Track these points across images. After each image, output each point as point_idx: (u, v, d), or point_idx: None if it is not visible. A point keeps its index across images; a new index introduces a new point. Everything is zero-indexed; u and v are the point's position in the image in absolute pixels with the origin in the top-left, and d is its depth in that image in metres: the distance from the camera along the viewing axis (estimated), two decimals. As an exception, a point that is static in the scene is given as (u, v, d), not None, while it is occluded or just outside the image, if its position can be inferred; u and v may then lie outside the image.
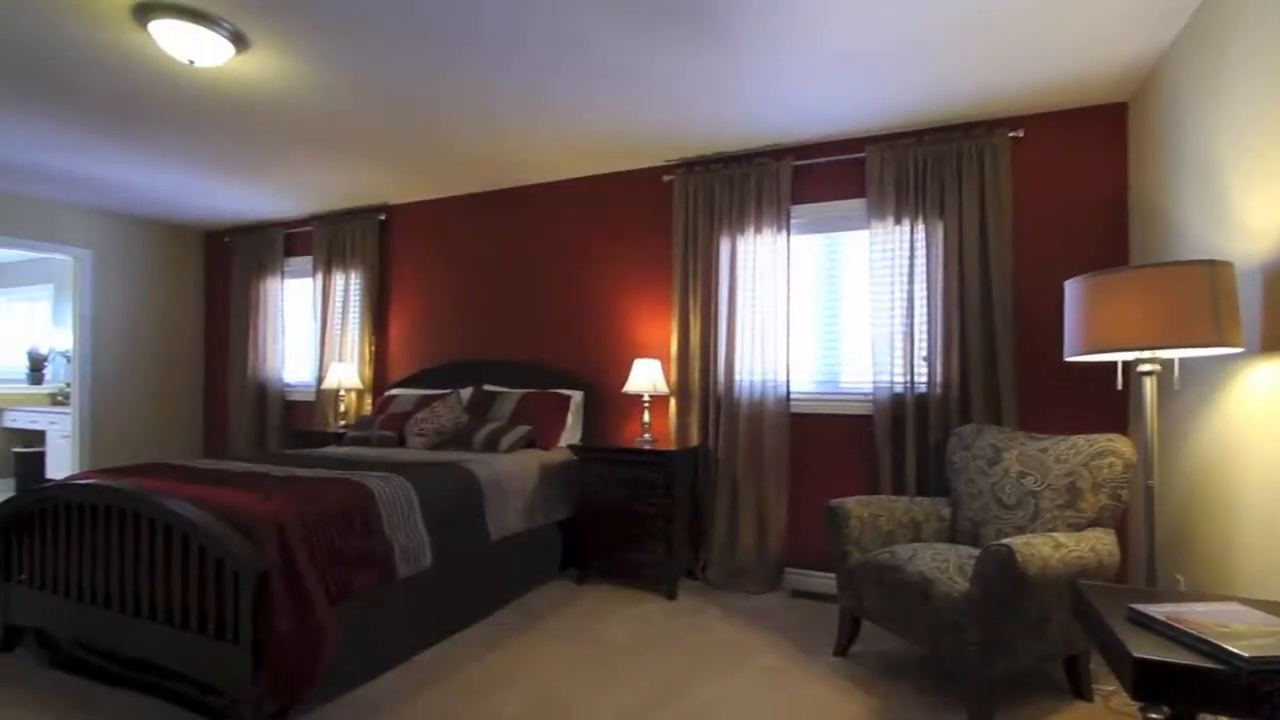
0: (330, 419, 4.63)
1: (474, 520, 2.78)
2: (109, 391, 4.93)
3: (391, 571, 2.32)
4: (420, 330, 4.49)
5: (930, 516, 2.62)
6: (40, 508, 2.38)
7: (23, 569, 2.46)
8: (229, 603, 1.91)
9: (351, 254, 4.60)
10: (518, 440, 3.42)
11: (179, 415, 5.38)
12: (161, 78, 2.70)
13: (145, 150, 3.57)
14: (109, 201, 4.62)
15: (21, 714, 2.05)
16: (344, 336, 4.61)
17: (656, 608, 3.05)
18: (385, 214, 4.56)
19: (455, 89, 2.79)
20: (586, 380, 3.92)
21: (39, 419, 5.84)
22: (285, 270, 5.01)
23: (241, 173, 3.93)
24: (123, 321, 5.01)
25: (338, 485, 2.32)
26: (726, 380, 3.40)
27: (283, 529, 1.98)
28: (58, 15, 2.24)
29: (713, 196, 3.46)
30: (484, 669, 2.41)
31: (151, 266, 5.19)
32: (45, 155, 3.65)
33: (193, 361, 5.48)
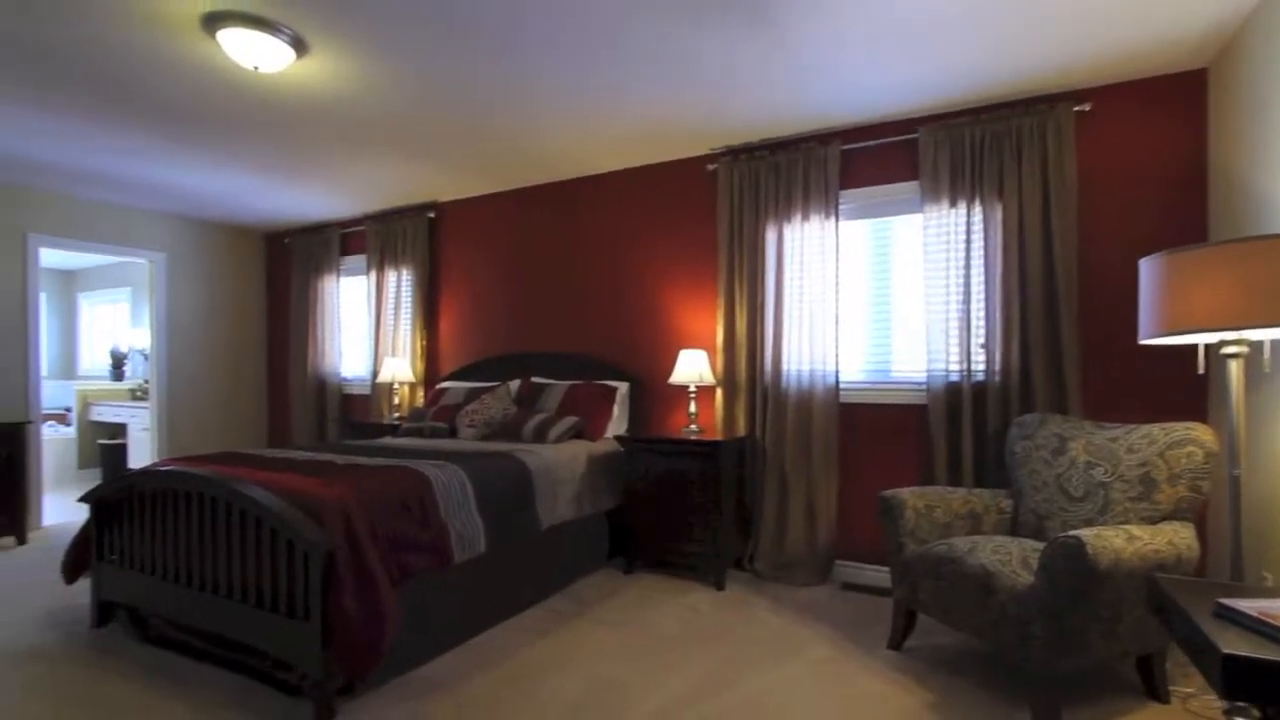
0: (385, 411, 4.79)
1: (525, 508, 2.84)
2: (183, 386, 5.22)
3: (448, 555, 2.39)
4: (469, 325, 4.59)
5: (990, 508, 2.54)
6: (127, 493, 2.55)
7: (113, 550, 2.64)
8: (299, 582, 2.01)
9: (403, 252, 4.73)
10: (566, 431, 3.47)
11: (245, 408, 5.66)
12: (228, 85, 2.83)
13: (212, 156, 3.75)
14: (179, 206, 4.88)
15: (117, 685, 2.20)
16: (396, 332, 4.76)
17: (705, 598, 3.05)
18: (434, 212, 4.68)
19: (501, 85, 2.83)
20: (632, 372, 3.94)
21: (121, 413, 6.23)
22: (341, 269, 5.19)
23: (300, 175, 4.09)
24: (194, 320, 5.30)
25: (397, 472, 2.40)
26: (774, 370, 3.36)
27: (347, 513, 2.06)
28: (134, 28, 2.38)
29: (758, 184, 3.42)
30: (537, 653, 2.45)
31: (218, 268, 5.46)
32: (123, 163, 3.87)
33: (257, 357, 5.75)
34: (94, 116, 3.17)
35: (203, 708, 2.05)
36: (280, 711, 2.03)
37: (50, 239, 4.48)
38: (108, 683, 2.21)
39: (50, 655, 2.41)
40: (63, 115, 3.15)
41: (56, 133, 3.38)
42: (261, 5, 2.23)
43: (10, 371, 4.31)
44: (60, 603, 2.97)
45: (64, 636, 2.59)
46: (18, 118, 3.18)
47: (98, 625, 2.66)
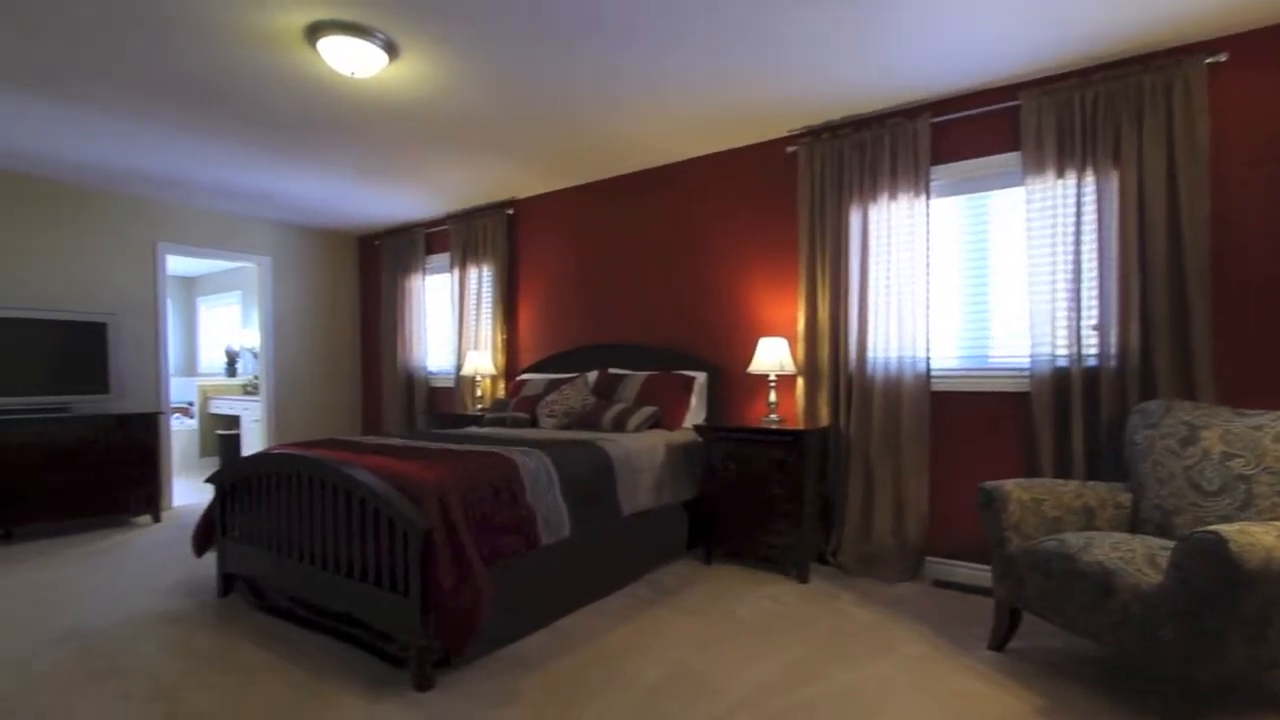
0: (468, 402, 4.97)
1: (607, 495, 2.87)
2: (287, 381, 5.62)
3: (535, 538, 2.45)
4: (547, 318, 4.69)
5: (1105, 503, 2.34)
6: (246, 476, 2.76)
7: (234, 527, 2.87)
8: (400, 559, 2.11)
9: (483, 248, 4.89)
10: (644, 420, 3.48)
11: (341, 400, 6.03)
12: (326, 93, 3.01)
13: (312, 163, 4.00)
14: (283, 213, 5.25)
15: (243, 648, 2.39)
16: (478, 326, 4.93)
17: (787, 590, 2.98)
18: (512, 209, 4.80)
19: (582, 76, 2.86)
20: (709, 361, 3.90)
21: (235, 406, 6.79)
22: (426, 268, 5.43)
23: (389, 178, 4.30)
24: (296, 320, 5.69)
25: (486, 458, 2.48)
26: (859, 357, 3.24)
27: (443, 495, 2.14)
28: (245, 45, 2.56)
29: (841, 164, 3.30)
30: (620, 637, 2.48)
31: (317, 270, 5.84)
32: (236, 174, 4.20)
33: (351, 353, 6.11)
34: (212, 131, 3.46)
35: (317, 672, 2.20)
36: (384, 679, 2.14)
37: (175, 246, 4.93)
38: (235, 646, 2.40)
39: (185, 619, 2.65)
40: (185, 131, 3.45)
41: (180, 148, 3.70)
42: (358, 12, 2.35)
43: (145, 369, 4.77)
44: (191, 573, 3.26)
45: (196, 603, 2.84)
46: (146, 135, 3.51)
47: (222, 594, 2.90)
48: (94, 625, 2.60)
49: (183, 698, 2.03)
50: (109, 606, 2.81)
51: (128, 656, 2.32)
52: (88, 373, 4.22)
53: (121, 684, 2.13)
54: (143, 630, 2.55)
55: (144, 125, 3.37)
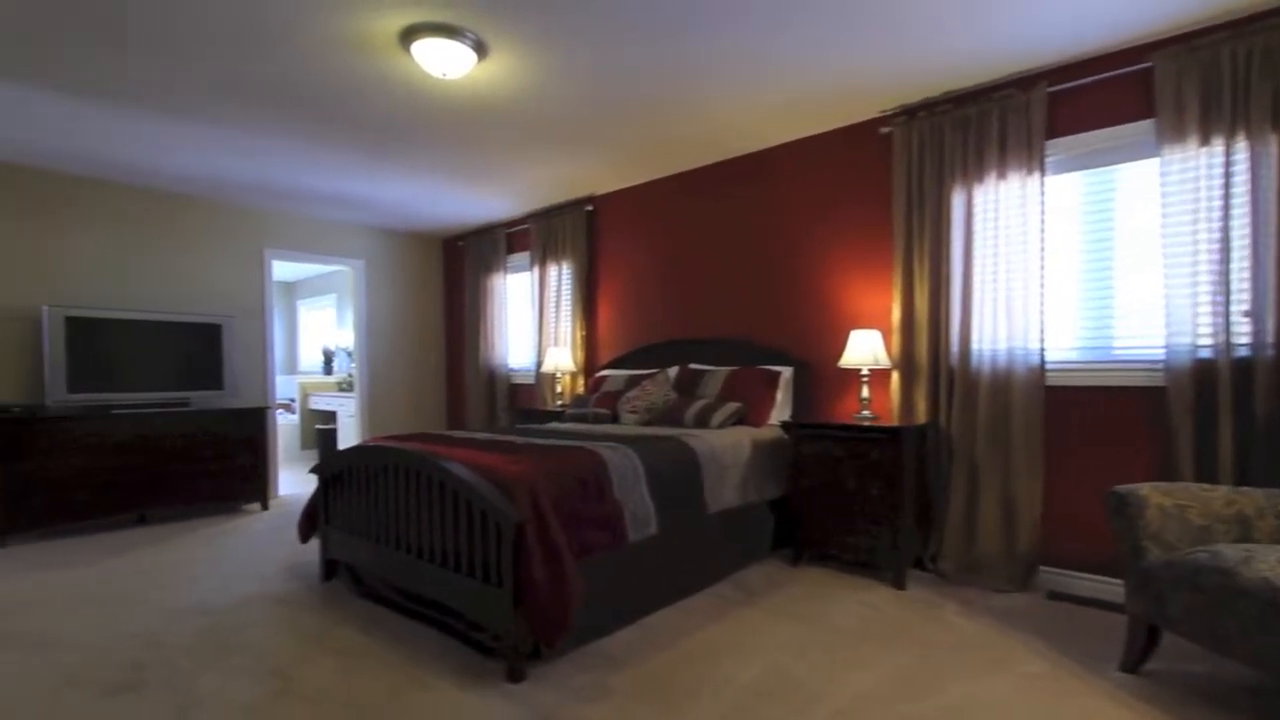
0: (548, 399, 5.03)
1: (693, 492, 2.80)
2: (379, 378, 5.89)
3: (623, 534, 2.42)
4: (626, 313, 4.67)
5: (1264, 512, 2.06)
6: (347, 467, 2.89)
7: (336, 515, 3.01)
8: (492, 551, 2.13)
9: (563, 246, 4.94)
10: (729, 417, 3.39)
11: (427, 397, 6.26)
12: (418, 97, 3.10)
13: (403, 167, 4.16)
14: (375, 218, 5.50)
15: (345, 631, 2.50)
16: (558, 323, 4.98)
17: (884, 596, 2.82)
18: (592, 204, 4.82)
19: (669, 66, 2.81)
20: (796, 356, 3.76)
21: (332, 402, 7.20)
22: (507, 266, 5.55)
23: (474, 179, 4.41)
24: (386, 320, 5.95)
25: (574, 453, 2.47)
26: (961, 350, 3.02)
27: (533, 488, 2.15)
28: (341, 52, 2.67)
29: (941, 143, 3.09)
30: (709, 637, 2.41)
31: (405, 271, 6.09)
32: (334, 182, 4.43)
33: (436, 352, 6.33)
34: (314, 140, 3.64)
35: (415, 658, 2.25)
36: (476, 668, 2.17)
37: (280, 251, 5.26)
38: (337, 629, 2.51)
39: (293, 601, 2.80)
40: (290, 141, 3.65)
41: (285, 158, 3.93)
42: (450, 14, 2.40)
43: (253, 367, 5.12)
44: (297, 558, 3.45)
45: (301, 587, 3.00)
46: (255, 147, 3.74)
47: (325, 579, 3.05)
48: (214, 603, 2.78)
49: (292, 676, 2.13)
50: (227, 585, 3.01)
51: (244, 634, 2.46)
52: (205, 370, 4.56)
53: (240, 659, 2.26)
54: (256, 610, 2.71)
55: (253, 137, 3.59)
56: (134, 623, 2.58)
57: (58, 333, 3.95)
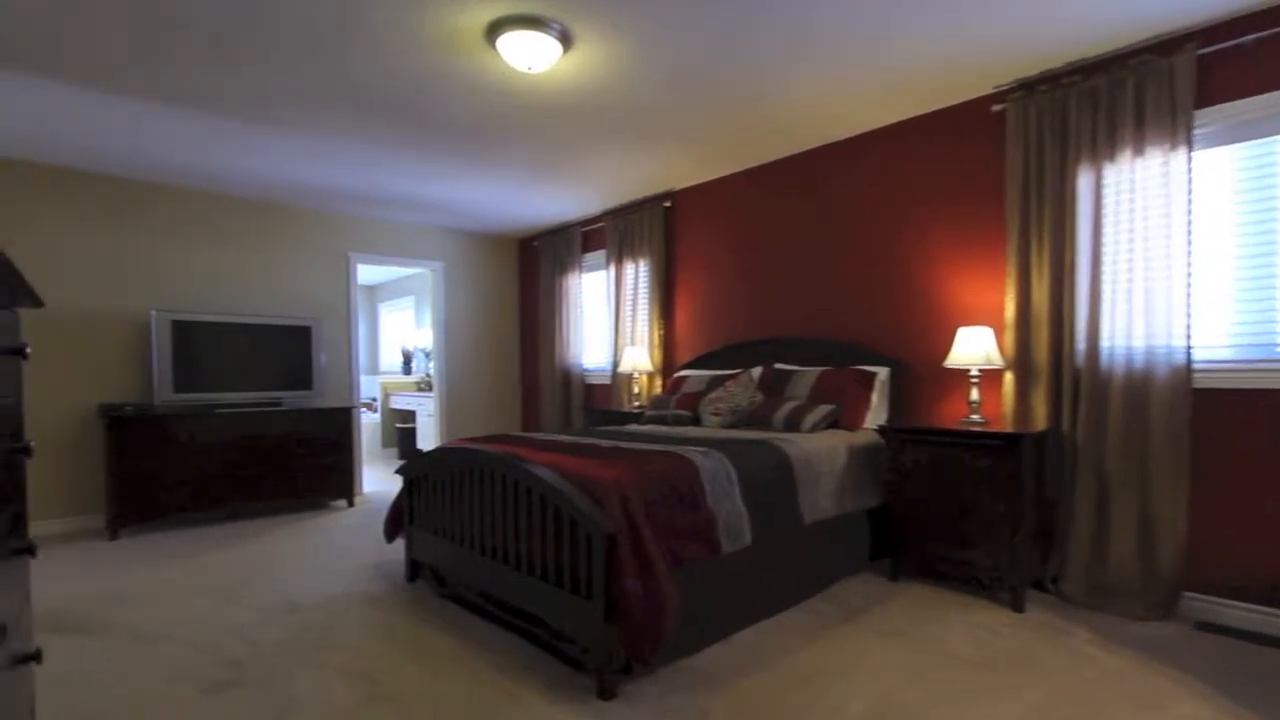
0: (625, 399, 4.95)
1: (788, 500, 2.63)
2: (456, 378, 5.98)
3: (716, 545, 2.28)
4: (706, 312, 4.52)
5: None
6: (430, 468, 2.88)
7: (420, 516, 3.01)
8: (581, 560, 2.03)
9: (640, 243, 4.84)
10: (821, 419, 3.19)
11: (503, 397, 6.31)
12: (502, 95, 3.06)
13: (484, 168, 4.17)
14: (453, 220, 5.58)
15: (430, 635, 2.47)
16: (634, 322, 4.88)
17: (1001, 619, 2.56)
18: (670, 200, 4.70)
19: (759, 48, 2.65)
20: (892, 355, 3.51)
21: (411, 401, 7.39)
22: (582, 265, 5.51)
23: (552, 177, 4.38)
24: (463, 320, 6.04)
25: (664, 458, 2.35)
26: (1089, 348, 2.71)
27: (624, 495, 2.04)
28: (425, 52, 2.65)
29: (1065, 119, 2.78)
30: (809, 659, 2.23)
31: (482, 273, 6.16)
32: (415, 185, 4.49)
33: (511, 352, 6.38)
34: (399, 145, 3.69)
35: (500, 666, 2.19)
36: (565, 682, 2.08)
37: (364, 255, 5.41)
38: (424, 632, 2.48)
39: (380, 602, 2.81)
40: (376, 146, 3.71)
41: (370, 164, 4.01)
42: (536, 5, 2.33)
43: (339, 368, 5.28)
44: (383, 556, 3.49)
45: (387, 586, 3.01)
46: (342, 154, 3.82)
47: (410, 579, 3.05)
48: (305, 601, 2.83)
49: (381, 681, 2.11)
50: (316, 583, 3.06)
51: (334, 634, 2.48)
52: (297, 372, 4.73)
53: (331, 660, 2.26)
54: (346, 609, 2.73)
55: (340, 144, 3.67)
56: (232, 618, 2.65)
57: (165, 336, 4.17)
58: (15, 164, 3.95)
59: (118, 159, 3.90)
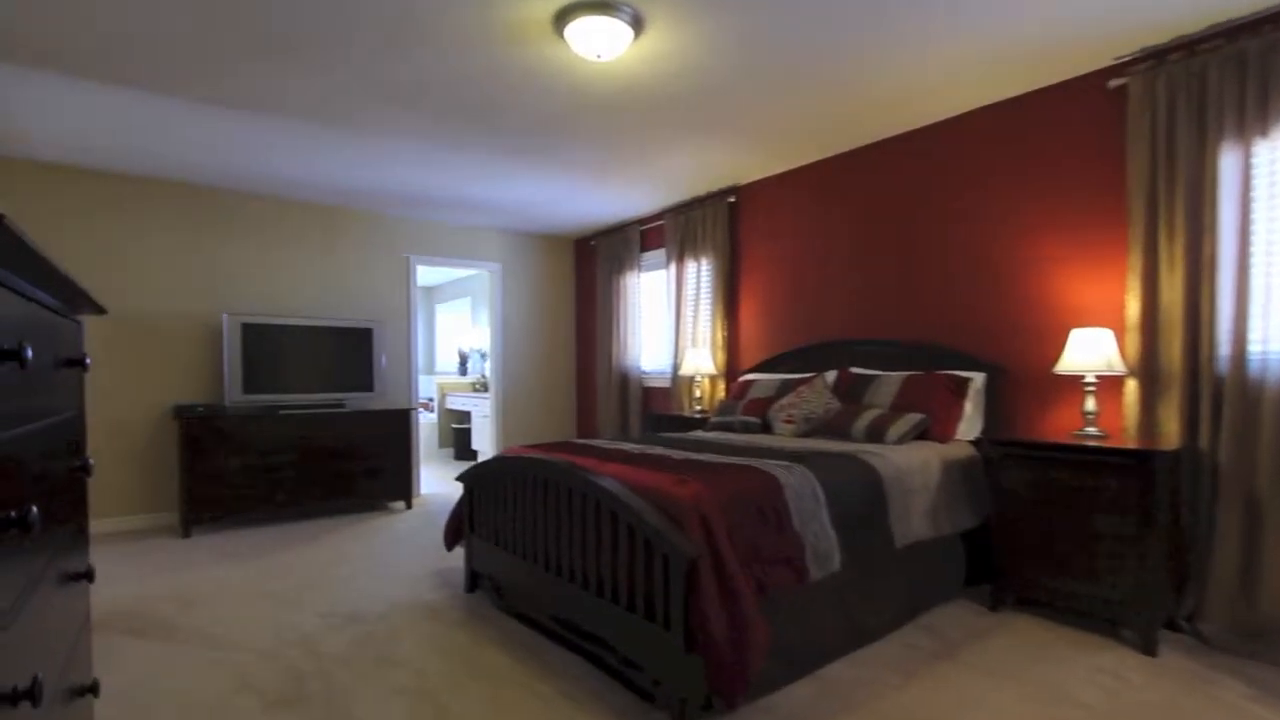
0: (686, 404, 4.75)
1: (878, 521, 2.38)
2: (513, 379, 5.92)
3: (803, 571, 2.06)
4: (772, 313, 4.28)
5: None
6: (491, 476, 2.76)
7: (480, 525, 2.90)
8: (657, 584, 1.85)
9: (702, 241, 4.64)
10: (909, 430, 2.91)
11: (558, 400, 6.21)
12: (564, 88, 2.92)
13: (540, 167, 4.05)
14: (511, 221, 5.51)
15: (491, 653, 2.34)
16: (696, 323, 4.68)
17: (1129, 663, 2.24)
18: (735, 196, 4.48)
19: (841, 26, 2.41)
20: (988, 359, 3.19)
21: (466, 402, 7.40)
22: (641, 264, 5.34)
23: (611, 174, 4.23)
24: (520, 322, 5.97)
25: (743, 473, 2.14)
26: (1234, 354, 2.35)
27: (705, 515, 1.85)
28: (488, 43, 2.53)
29: (1203, 90, 2.43)
30: (911, 700, 1.98)
31: (538, 273, 6.08)
32: (475, 186, 4.42)
33: (567, 354, 6.27)
34: (460, 145, 3.61)
35: (567, 694, 2.03)
36: (636, 713, 1.90)
37: (423, 258, 5.40)
38: (485, 649, 2.35)
39: (440, 615, 2.70)
40: (438, 146, 3.64)
41: (432, 164, 3.95)
42: (604, -19, 2.17)
43: (398, 369, 5.28)
44: (442, 563, 3.40)
45: (447, 596, 2.91)
46: (404, 155, 3.77)
47: (469, 589, 2.94)
48: (367, 609, 2.75)
49: (445, 704, 1.98)
50: (378, 589, 2.99)
51: (395, 648, 2.38)
52: (358, 373, 4.74)
53: (393, 675, 2.15)
54: (405, 620, 2.63)
55: (405, 145, 3.61)
56: (296, 625, 2.59)
57: (235, 338, 4.23)
58: (96, 174, 4.07)
59: (190, 167, 3.96)
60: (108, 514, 4.12)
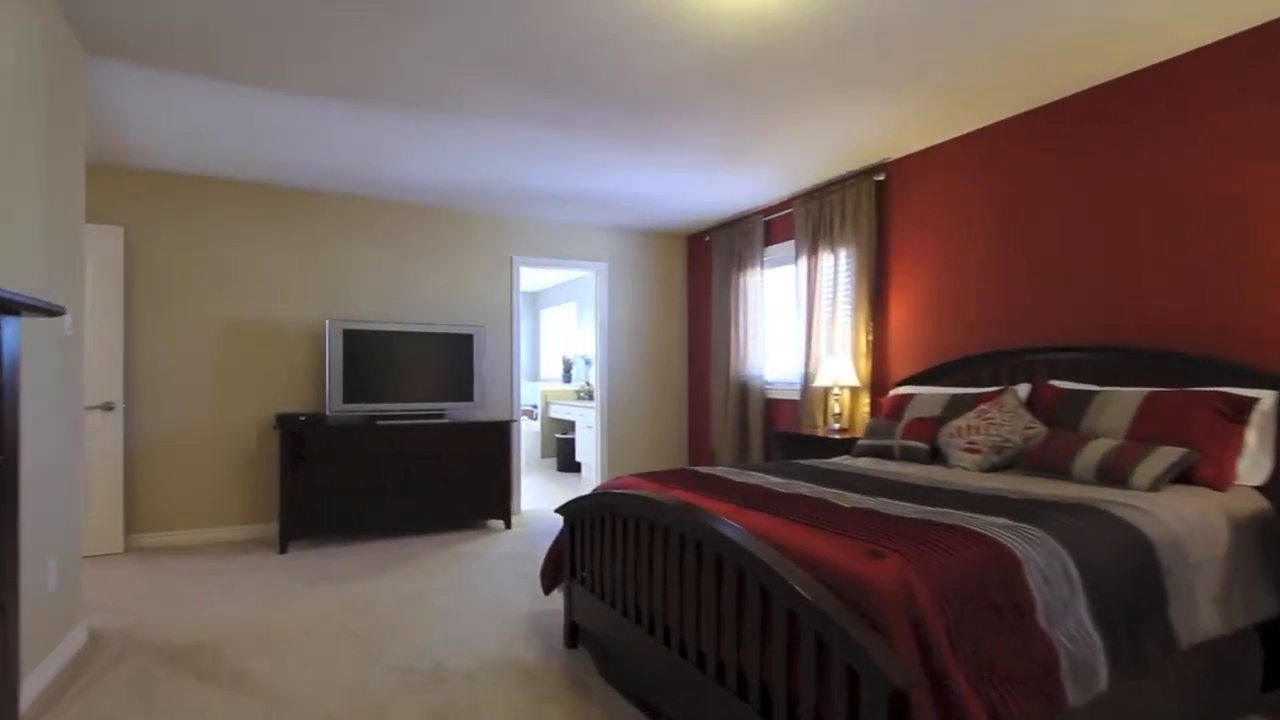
0: (819, 420, 4.04)
1: (1154, 612, 1.61)
2: (619, 387, 5.45)
3: (1059, 694, 1.35)
4: (931, 313, 3.49)
5: None
6: (596, 512, 2.25)
7: (582, 568, 2.40)
8: (834, 705, 1.23)
9: (840, 230, 3.92)
10: (1166, 470, 2.07)
11: (668, 411, 5.67)
12: (689, 48, 2.38)
13: (658, 153, 3.55)
14: (617, 217, 5.06)
15: (594, 751, 1.81)
16: (833, 326, 3.97)
17: None
18: (883, 173, 3.73)
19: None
20: (1275, 371, 2.27)
21: (571, 411, 7.05)
22: (764, 260, 4.69)
23: (735, 157, 3.63)
24: (628, 325, 5.50)
25: (956, 539, 1.46)
26: None
27: (918, 616, 1.20)
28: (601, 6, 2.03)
29: None
30: None
31: (647, 273, 5.59)
32: (584, 177, 3.99)
33: (678, 361, 5.72)
34: (566, 124, 3.17)
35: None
36: None
37: (527, 259, 5.07)
38: (588, 746, 1.83)
39: (534, 677, 2.22)
40: (542, 127, 3.22)
41: (536, 150, 3.55)
42: None
43: (500, 377, 4.97)
44: (538, 605, 2.95)
45: (543, 651, 2.43)
46: (507, 140, 3.39)
47: (569, 644, 2.45)
48: (451, 665, 2.33)
49: (536, 833, 1.47)
50: (465, 639, 2.56)
51: None
52: (459, 382, 4.45)
53: (472, 780, 1.68)
54: (494, 684, 2.17)
55: (507, 129, 3.23)
56: (371, 682, 2.21)
57: (336, 345, 4.06)
58: (197, 180, 4.05)
59: (290, 168, 3.83)
60: (215, 523, 4.06)
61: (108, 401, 3.68)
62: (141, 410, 3.88)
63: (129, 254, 3.87)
